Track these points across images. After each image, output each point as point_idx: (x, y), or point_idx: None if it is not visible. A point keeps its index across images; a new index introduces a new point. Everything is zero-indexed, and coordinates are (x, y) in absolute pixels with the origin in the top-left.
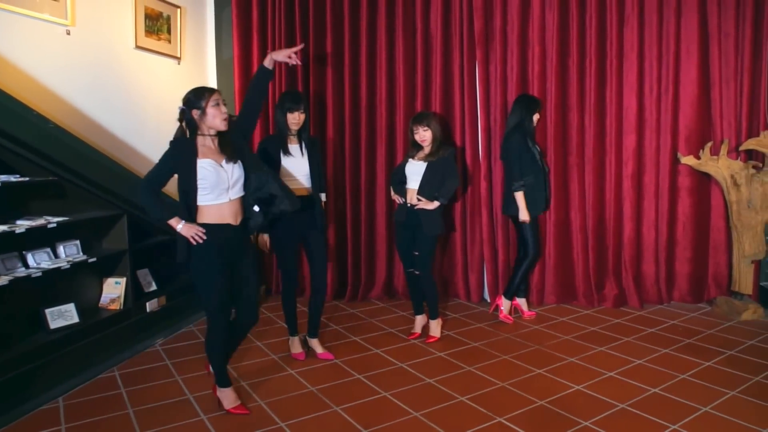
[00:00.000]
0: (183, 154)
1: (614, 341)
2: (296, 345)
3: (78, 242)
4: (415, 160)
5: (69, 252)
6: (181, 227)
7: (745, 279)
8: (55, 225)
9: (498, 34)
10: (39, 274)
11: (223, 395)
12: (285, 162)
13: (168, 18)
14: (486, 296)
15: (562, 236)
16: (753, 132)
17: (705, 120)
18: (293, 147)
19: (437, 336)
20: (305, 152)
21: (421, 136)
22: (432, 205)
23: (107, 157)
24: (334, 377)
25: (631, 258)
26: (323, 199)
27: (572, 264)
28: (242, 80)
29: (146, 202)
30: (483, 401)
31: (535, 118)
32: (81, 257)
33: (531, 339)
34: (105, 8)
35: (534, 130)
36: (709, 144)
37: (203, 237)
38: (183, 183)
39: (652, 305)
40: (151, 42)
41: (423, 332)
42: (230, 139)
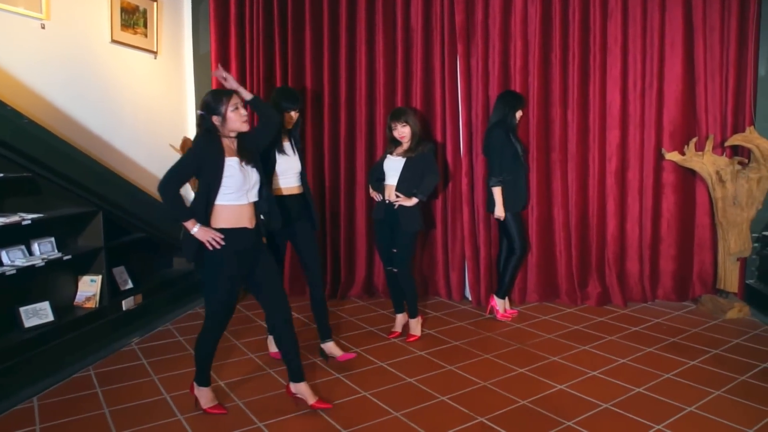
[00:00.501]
0: (210, 151)
1: (598, 340)
2: (274, 344)
3: (53, 239)
4: (394, 156)
5: (44, 249)
6: (197, 230)
7: (731, 277)
8: (30, 222)
9: (479, 28)
10: (13, 272)
11: (201, 394)
12: (280, 160)
13: (144, 12)
14: (467, 294)
15: (545, 233)
16: (739, 127)
17: (690, 115)
18: (286, 145)
19: (418, 335)
20: (296, 150)
21: (400, 132)
22: (410, 202)
23: (82, 153)
24: (314, 377)
25: (615, 256)
26: None
27: (555, 262)
28: None
29: (169, 199)
30: (464, 401)
31: (518, 115)
32: (56, 255)
33: (513, 338)
34: (80, 2)
35: (517, 127)
36: (694, 140)
37: (221, 243)
38: (207, 180)
39: (636, 303)
40: (127, 36)
41: (403, 331)
42: (248, 142)
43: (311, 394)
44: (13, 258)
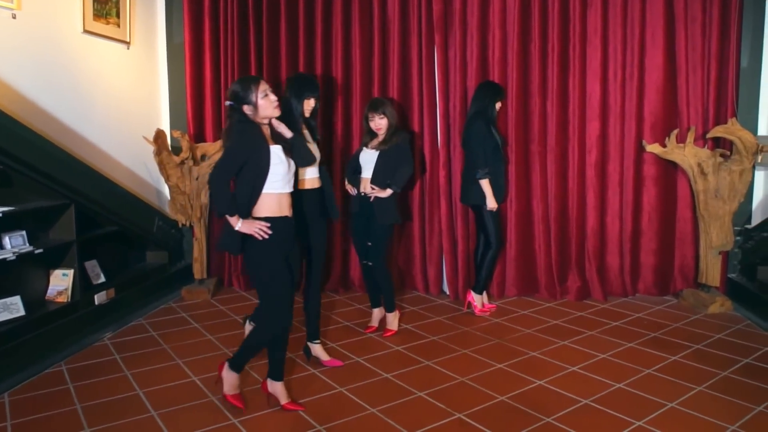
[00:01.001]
0: (255, 140)
1: (577, 335)
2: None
3: (24, 233)
4: (369, 149)
5: (14, 243)
6: (240, 225)
7: (712, 271)
8: (1, 215)
9: (457, 18)
10: None
11: (229, 378)
12: None
13: (117, 1)
14: (445, 288)
15: (524, 227)
16: (720, 119)
17: (671, 107)
18: (305, 134)
19: (394, 329)
20: (314, 139)
21: (377, 124)
22: (385, 193)
23: (54, 145)
24: (289, 372)
25: (595, 249)
26: None
27: (534, 255)
28: (193, 66)
29: (220, 196)
30: (442, 397)
31: (497, 107)
32: (27, 248)
33: (492, 333)
34: None
35: (496, 118)
36: (675, 131)
37: (269, 232)
38: (253, 170)
39: (617, 298)
40: (100, 26)
41: (380, 326)
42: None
43: (285, 395)
44: None
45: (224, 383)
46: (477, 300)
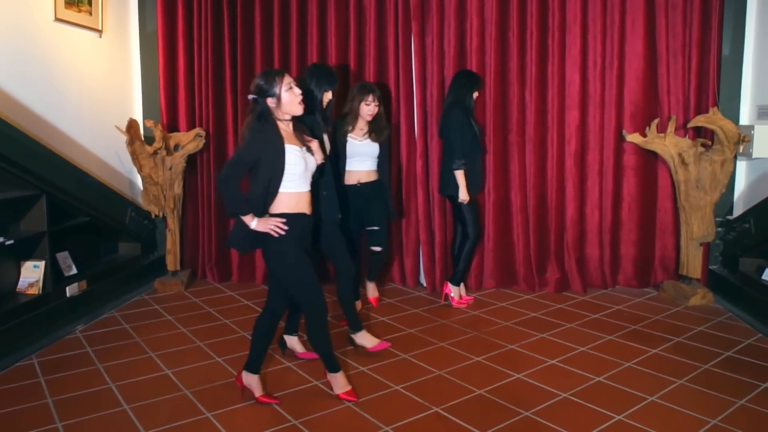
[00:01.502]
0: (270, 139)
1: (556, 327)
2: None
3: None
4: (361, 139)
5: None
6: (255, 224)
7: (694, 262)
8: None
9: (434, 6)
10: None
11: (335, 380)
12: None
13: None
14: (422, 280)
15: (502, 217)
16: (702, 108)
17: (651, 96)
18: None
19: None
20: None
21: (372, 109)
22: None
23: (25, 134)
24: (263, 365)
25: (574, 240)
26: None
27: (512, 247)
28: (166, 55)
29: (230, 195)
30: (419, 390)
31: (475, 96)
32: None
33: (469, 325)
34: None
35: (474, 108)
36: (656, 121)
37: (284, 227)
38: (268, 170)
39: (596, 290)
40: (72, 14)
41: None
42: (306, 124)
43: (259, 388)
44: None
45: (334, 386)
46: (454, 292)
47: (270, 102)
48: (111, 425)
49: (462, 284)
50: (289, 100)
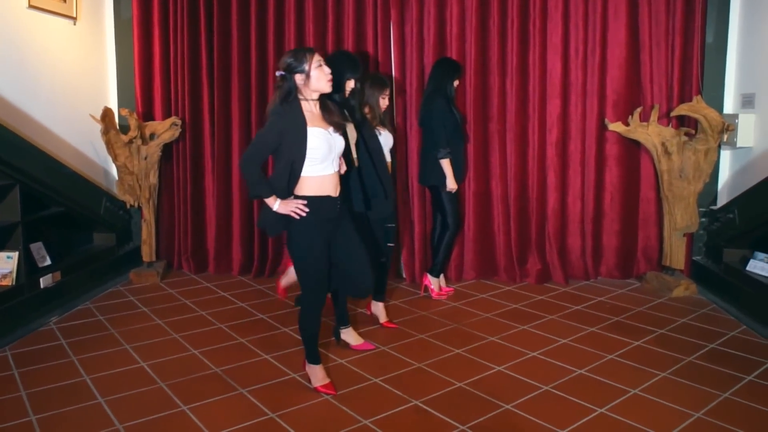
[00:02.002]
0: (291, 122)
1: (537, 319)
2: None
3: None
4: (382, 131)
5: None
6: (278, 206)
7: (677, 253)
8: None
9: None
10: None
11: (313, 372)
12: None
13: None
14: (401, 272)
15: (482, 208)
16: (685, 97)
17: (634, 84)
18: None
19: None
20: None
21: (386, 102)
22: None
23: None
24: (240, 357)
25: (556, 231)
26: None
27: (493, 237)
28: (141, 42)
29: (251, 177)
30: (398, 383)
31: (455, 84)
32: None
33: (449, 317)
34: None
35: (454, 96)
36: (639, 109)
37: (305, 210)
38: (290, 153)
39: (578, 281)
40: (46, 1)
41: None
42: (334, 104)
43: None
44: None
45: (311, 378)
46: (434, 283)
47: (298, 79)
48: (86, 418)
49: (442, 275)
50: (318, 77)
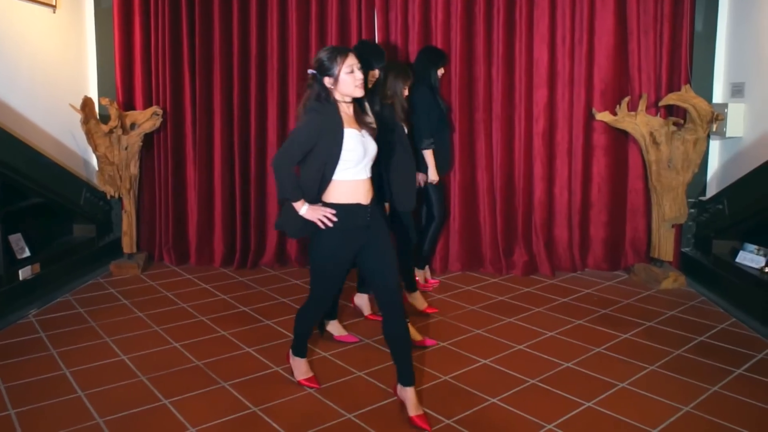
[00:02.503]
0: (329, 121)
1: (524, 312)
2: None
3: None
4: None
5: None
6: (305, 211)
7: (665, 245)
8: None
9: None
10: None
11: (297, 365)
12: None
13: None
14: None
15: (468, 198)
16: (674, 86)
17: (622, 73)
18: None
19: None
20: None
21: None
22: None
23: None
24: (222, 350)
25: (542, 222)
26: None
27: (478, 228)
28: (122, 31)
29: (282, 179)
30: (382, 376)
31: (440, 73)
32: None
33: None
34: None
35: (439, 85)
36: (627, 99)
37: (333, 219)
38: (324, 154)
39: (565, 273)
40: None
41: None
42: (368, 106)
43: (415, 405)
44: None
45: (295, 371)
46: (419, 275)
47: (327, 82)
48: (65, 412)
49: (427, 267)
50: (346, 82)
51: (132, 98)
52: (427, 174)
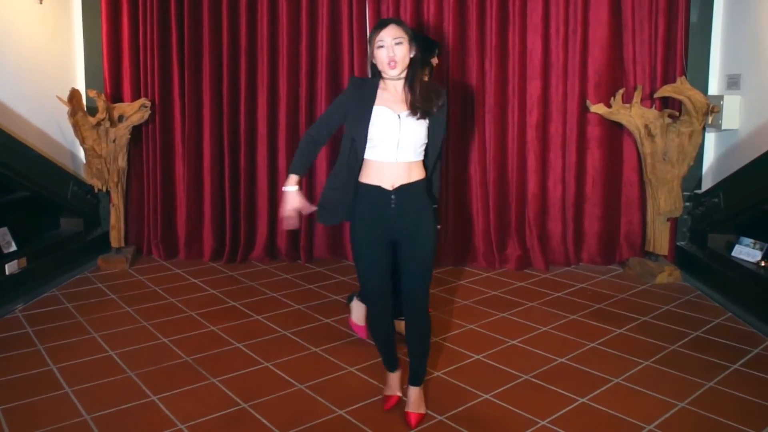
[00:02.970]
0: (360, 96)
1: (517, 306)
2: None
3: None
4: None
5: None
6: (287, 189)
7: (660, 238)
8: None
9: None
10: None
11: (386, 381)
12: None
13: None
14: None
15: (460, 192)
16: (669, 78)
17: (616, 65)
18: None
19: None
20: None
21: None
22: None
23: None
24: (211, 346)
25: (536, 215)
26: None
27: (471, 222)
28: (109, 21)
29: (300, 145)
30: (373, 372)
31: (434, 62)
32: None
33: None
34: None
35: (432, 76)
36: (621, 91)
37: (293, 219)
38: (352, 130)
39: (559, 267)
40: None
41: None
42: (423, 89)
43: (419, 404)
44: None
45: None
46: None
47: (370, 54)
48: (52, 409)
49: None
50: (378, 58)
51: (120, 90)
52: None
